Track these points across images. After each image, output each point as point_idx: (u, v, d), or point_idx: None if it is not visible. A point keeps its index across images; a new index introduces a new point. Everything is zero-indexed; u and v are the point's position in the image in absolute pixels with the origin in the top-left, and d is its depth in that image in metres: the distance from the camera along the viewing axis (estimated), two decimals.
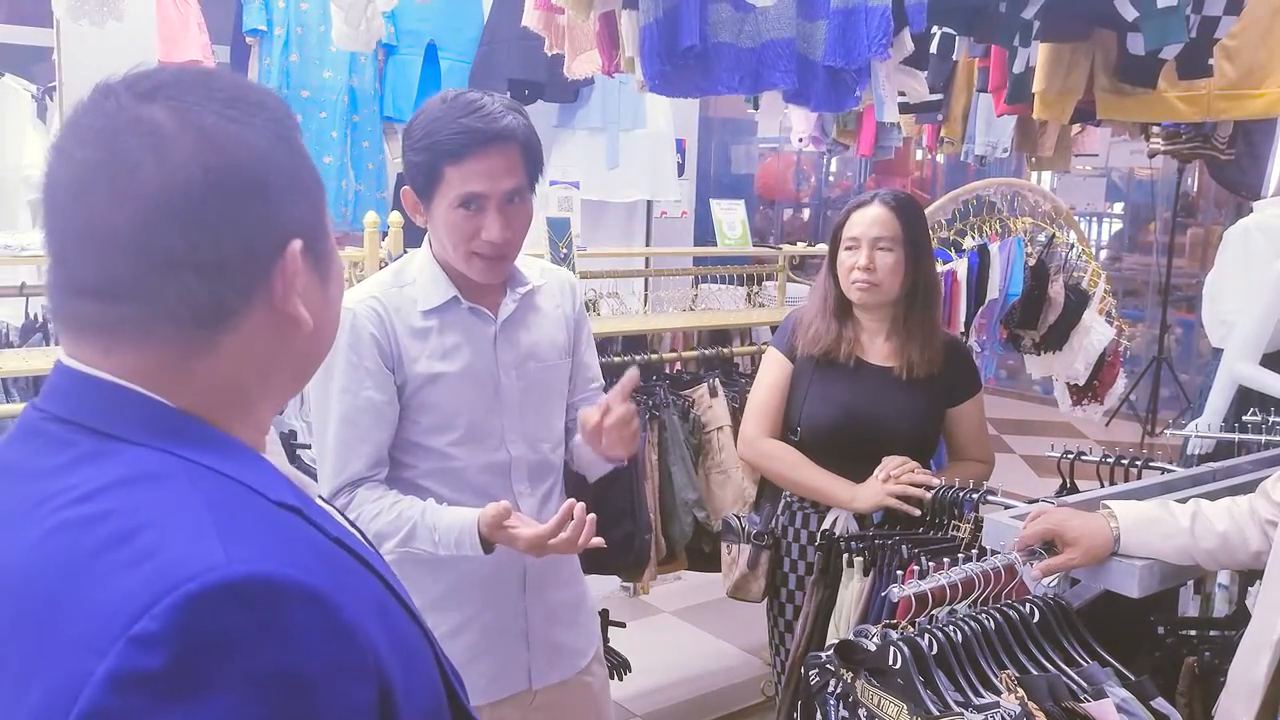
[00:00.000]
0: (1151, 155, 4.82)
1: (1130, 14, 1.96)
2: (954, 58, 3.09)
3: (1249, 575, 1.96)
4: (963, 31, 2.46)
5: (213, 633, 0.58)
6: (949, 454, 2.32)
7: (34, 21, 3.70)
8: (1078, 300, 3.76)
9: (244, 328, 0.71)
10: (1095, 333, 3.78)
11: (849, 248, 2.17)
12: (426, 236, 1.67)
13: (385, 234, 2.51)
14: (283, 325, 0.73)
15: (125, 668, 0.57)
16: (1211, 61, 2.21)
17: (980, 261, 3.46)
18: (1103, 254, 7.87)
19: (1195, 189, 7.57)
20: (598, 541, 1.53)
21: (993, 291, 3.49)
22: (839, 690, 1.47)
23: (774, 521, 2.29)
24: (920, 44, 2.07)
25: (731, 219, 3.21)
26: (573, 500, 1.53)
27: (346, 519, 0.87)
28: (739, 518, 2.36)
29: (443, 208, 1.54)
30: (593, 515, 1.52)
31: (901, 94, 2.23)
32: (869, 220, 2.15)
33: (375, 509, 1.57)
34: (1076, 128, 3.74)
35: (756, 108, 3.54)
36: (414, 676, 0.70)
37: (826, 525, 2.14)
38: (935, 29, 2.63)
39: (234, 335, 0.71)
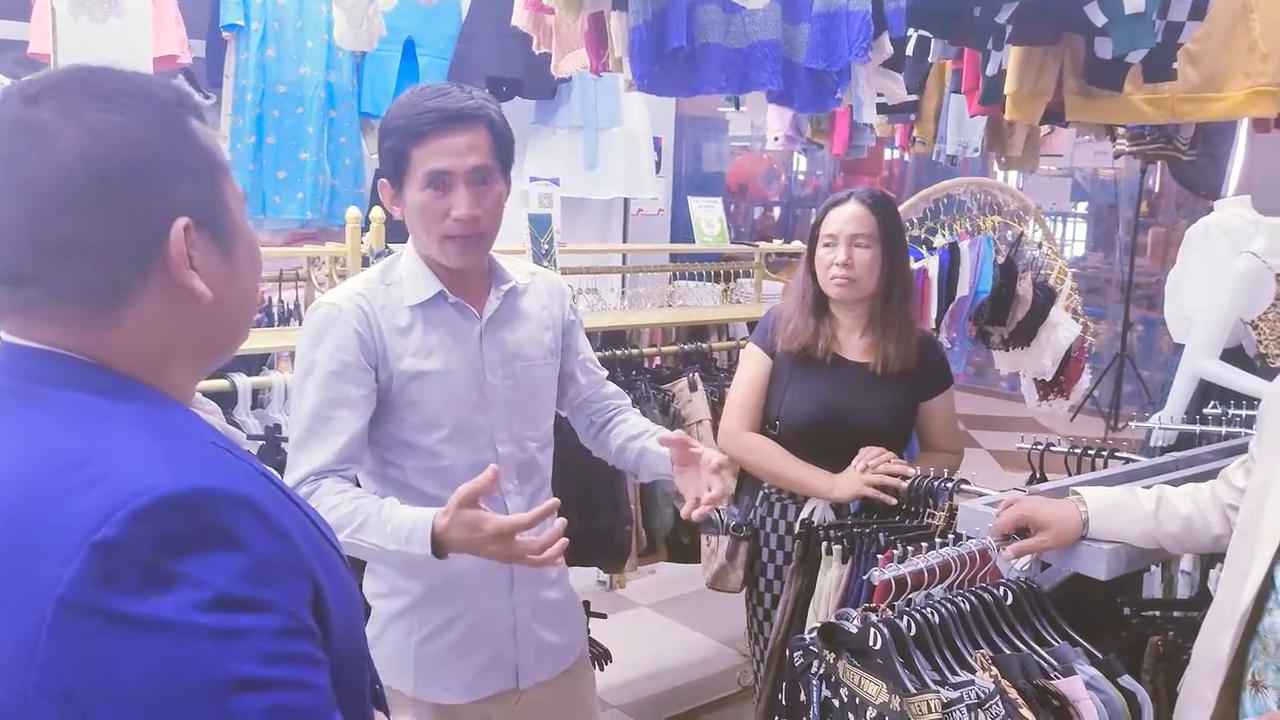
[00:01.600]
0: (1117, 155, 4.93)
1: (1099, 19, 2.02)
2: (929, 60, 3.16)
3: (1209, 560, 2.04)
4: (938, 35, 2.52)
5: (163, 537, 0.68)
6: (921, 445, 2.37)
7: (8, 15, 3.67)
8: (1045, 297, 3.83)
9: (146, 301, 0.79)
10: (1062, 329, 3.86)
11: (827, 245, 2.21)
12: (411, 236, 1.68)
13: (366, 229, 2.53)
14: (185, 297, 0.80)
15: (89, 570, 0.66)
16: (1176, 66, 2.28)
17: (951, 259, 3.53)
18: (1068, 251, 8.01)
19: (1157, 189, 7.72)
20: (560, 542, 1.43)
21: (963, 289, 3.56)
22: (822, 670, 1.52)
23: (752, 513, 2.33)
24: (897, 47, 2.12)
25: (709, 216, 3.25)
26: (556, 500, 1.47)
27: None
28: (718, 510, 2.40)
29: (413, 192, 1.56)
30: (562, 520, 1.44)
31: (880, 96, 2.29)
32: (846, 217, 2.20)
33: (335, 500, 1.51)
34: (1046, 129, 3.82)
35: (738, 108, 3.58)
36: (336, 585, 0.81)
37: (805, 515, 2.18)
38: (911, 32, 2.69)
39: (137, 308, 0.79)
